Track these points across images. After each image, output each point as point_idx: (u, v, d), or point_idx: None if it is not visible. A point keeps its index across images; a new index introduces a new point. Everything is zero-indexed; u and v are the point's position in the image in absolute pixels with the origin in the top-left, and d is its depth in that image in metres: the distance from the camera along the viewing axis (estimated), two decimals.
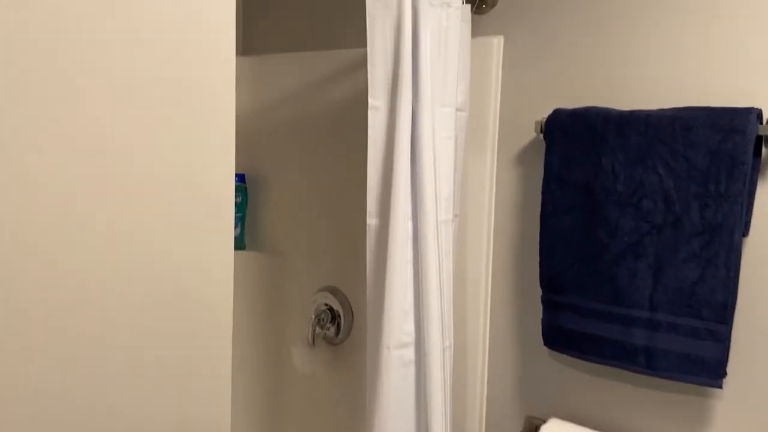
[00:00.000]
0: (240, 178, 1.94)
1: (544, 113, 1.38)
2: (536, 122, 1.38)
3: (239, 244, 1.95)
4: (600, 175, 1.27)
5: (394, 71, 1.27)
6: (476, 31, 1.49)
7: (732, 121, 1.15)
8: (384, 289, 1.29)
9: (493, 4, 1.50)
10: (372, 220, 1.33)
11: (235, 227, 1.93)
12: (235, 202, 1.90)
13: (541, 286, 1.37)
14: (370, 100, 1.29)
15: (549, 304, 1.36)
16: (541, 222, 1.36)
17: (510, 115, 1.49)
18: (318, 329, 1.79)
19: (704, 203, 1.17)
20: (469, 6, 1.43)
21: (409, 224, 1.30)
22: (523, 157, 1.48)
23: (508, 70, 1.49)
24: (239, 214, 1.93)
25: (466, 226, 1.53)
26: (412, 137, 1.29)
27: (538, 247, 1.38)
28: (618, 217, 1.25)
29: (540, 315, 1.40)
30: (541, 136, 1.37)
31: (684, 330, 1.20)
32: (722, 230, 1.16)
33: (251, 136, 1.95)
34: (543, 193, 1.35)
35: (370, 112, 1.30)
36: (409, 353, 1.31)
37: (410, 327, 1.31)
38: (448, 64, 1.31)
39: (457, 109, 1.41)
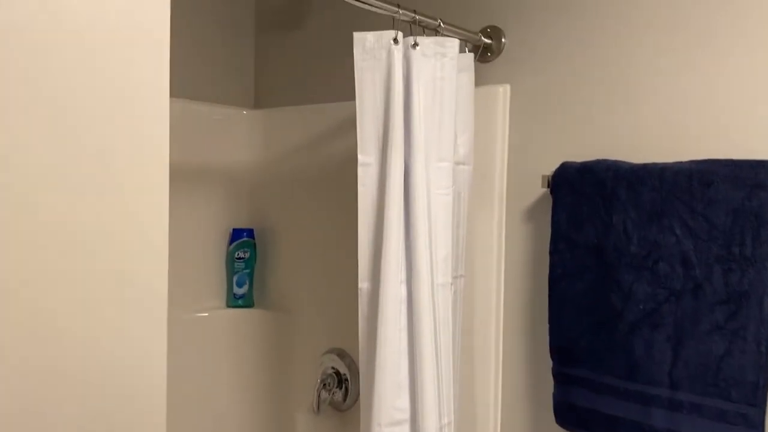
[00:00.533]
0: (249, 233, 1.88)
1: (554, 166, 1.27)
2: (543, 176, 1.27)
3: (247, 301, 1.88)
4: (611, 234, 1.15)
5: (385, 125, 1.20)
6: (481, 80, 1.41)
7: (757, 176, 1.02)
8: (375, 360, 1.19)
9: (499, 52, 1.41)
10: (364, 284, 1.23)
11: (243, 284, 1.87)
12: (243, 258, 1.85)
13: (552, 357, 1.25)
14: (359, 156, 1.22)
15: (560, 377, 1.23)
16: (550, 286, 1.24)
17: (519, 168, 1.39)
18: (324, 394, 1.69)
19: (728, 267, 1.03)
20: (471, 55, 1.35)
21: (403, 288, 1.20)
22: (534, 213, 1.37)
23: (516, 120, 1.39)
24: (247, 270, 1.87)
25: (473, 288, 1.42)
26: (405, 194, 1.20)
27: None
28: (632, 282, 1.12)
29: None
30: (549, 191, 1.26)
31: (710, 412, 1.05)
32: (749, 298, 1.02)
33: (261, 189, 1.90)
34: (551, 254, 1.23)
35: (360, 169, 1.22)
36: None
37: (404, 402, 1.20)
38: (443, 116, 1.23)
39: (458, 163, 1.32)
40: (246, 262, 1.87)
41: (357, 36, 1.20)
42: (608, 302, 1.15)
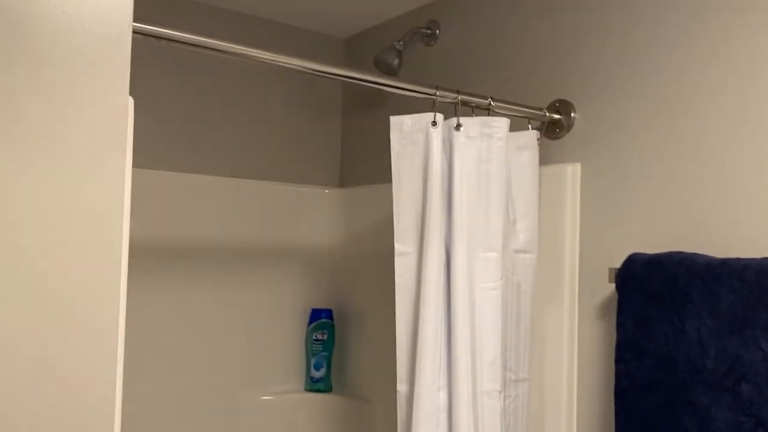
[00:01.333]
0: (327, 314, 1.83)
1: (626, 256, 1.10)
2: (610, 270, 1.10)
3: (325, 385, 1.82)
4: (684, 344, 0.95)
5: (423, 212, 1.10)
6: (550, 158, 1.28)
7: None
8: None
9: (569, 127, 1.28)
10: (401, 387, 1.13)
11: (321, 367, 1.81)
12: (321, 340, 1.80)
13: None
14: (396, 245, 1.13)
15: None
16: (615, 399, 1.05)
17: (592, 257, 1.22)
18: None
19: None
20: (534, 132, 1.23)
21: (442, 395, 1.08)
22: (611, 309, 1.19)
23: (588, 202, 1.23)
24: (325, 353, 1.82)
25: (541, 394, 1.25)
26: (446, 289, 1.09)
27: None
28: (708, 405, 0.91)
29: None
30: (615, 287, 1.08)
31: None
32: None
33: (341, 268, 1.86)
34: (616, 362, 1.05)
35: (396, 259, 1.13)
36: None
37: None
38: (491, 202, 1.11)
39: (519, 251, 1.19)
40: (324, 345, 1.82)
41: (394, 120, 1.13)
42: (681, 427, 0.94)
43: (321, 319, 1.82)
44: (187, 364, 1.65)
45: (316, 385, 1.81)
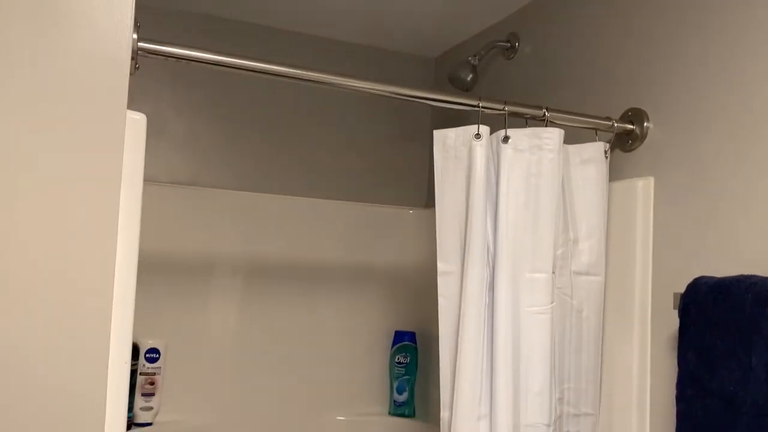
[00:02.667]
0: (410, 336, 1.79)
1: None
2: (675, 295, 0.97)
3: (409, 410, 1.78)
4: (751, 384, 0.81)
5: (466, 230, 1.05)
6: (620, 173, 1.17)
7: None
8: None
9: (642, 138, 1.16)
10: (445, 413, 1.06)
11: (404, 391, 1.77)
12: (404, 363, 1.77)
13: None
14: (439, 264, 1.08)
15: None
16: None
17: (664, 280, 1.09)
18: None
19: None
20: (600, 144, 1.13)
21: (482, 425, 1.01)
22: None
23: (662, 221, 1.11)
24: (407, 377, 1.78)
25: (610, 430, 1.13)
26: (490, 311, 1.03)
27: None
28: None
29: None
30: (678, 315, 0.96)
31: None
32: None
33: (425, 290, 1.81)
34: (677, 400, 0.92)
35: (439, 279, 1.08)
36: None
37: None
38: (540, 218, 1.03)
39: (580, 273, 1.10)
40: (406, 368, 1.78)
41: (437, 134, 1.09)
42: None
43: (404, 341, 1.79)
44: (269, 382, 1.68)
45: (399, 409, 1.77)
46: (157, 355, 1.54)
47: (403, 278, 1.84)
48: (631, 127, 1.16)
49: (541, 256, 1.03)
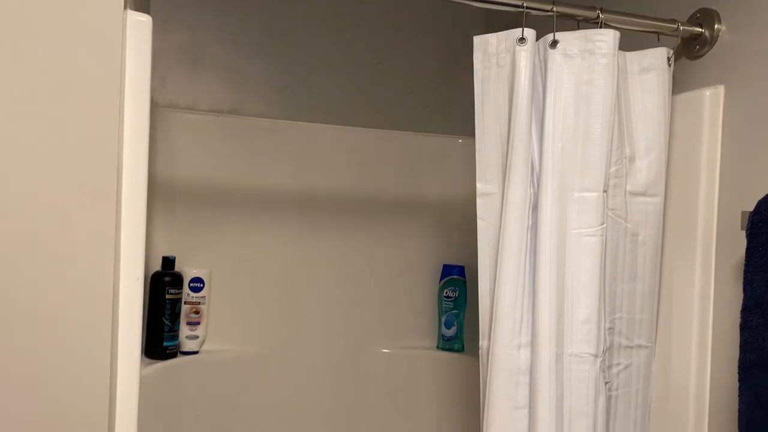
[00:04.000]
0: (459, 270, 1.73)
1: None
2: (743, 214, 0.87)
3: (457, 345, 1.73)
4: None
5: (509, 146, 0.96)
6: (686, 82, 1.05)
7: None
8: None
9: (712, 42, 1.03)
10: (483, 342, 1.00)
11: (452, 326, 1.72)
12: (452, 297, 1.71)
13: None
14: (478, 185, 1.01)
15: None
16: (739, 375, 0.83)
17: (732, 201, 0.98)
18: None
19: None
20: (663, 50, 1.01)
21: (522, 354, 0.94)
22: None
23: (731, 134, 0.99)
24: (456, 311, 1.72)
25: (667, 363, 1.04)
26: (533, 234, 0.95)
27: None
28: None
29: None
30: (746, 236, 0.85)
31: None
32: None
33: (473, 222, 1.73)
34: (741, 329, 0.83)
35: (479, 200, 1.00)
36: None
37: None
38: (591, 130, 0.93)
39: (637, 194, 1.00)
40: (455, 302, 1.72)
41: (477, 40, 0.99)
42: None
43: (452, 275, 1.73)
44: (314, 313, 1.66)
45: (447, 343, 1.73)
46: (201, 285, 1.53)
47: (452, 210, 1.76)
48: (700, 30, 1.03)
49: (591, 173, 0.93)
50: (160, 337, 1.45)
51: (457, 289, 1.72)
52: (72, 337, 0.77)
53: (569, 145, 0.93)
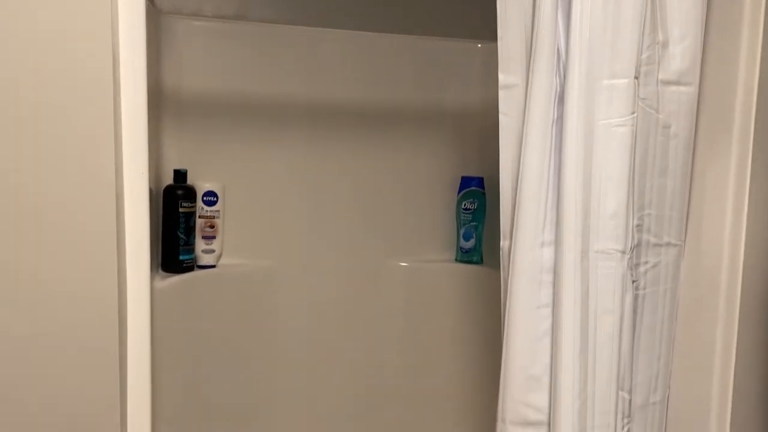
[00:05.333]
0: (478, 182, 1.69)
1: None
2: None
3: (475, 257, 1.70)
4: None
5: (533, 31, 0.89)
6: None
7: None
8: (507, 346, 0.93)
9: None
10: (505, 242, 0.97)
11: (470, 237, 1.69)
12: (471, 209, 1.68)
13: None
14: (500, 76, 0.95)
15: None
16: None
17: None
18: None
19: None
20: None
21: (545, 252, 0.90)
22: None
23: None
24: (474, 223, 1.69)
25: (697, 263, 1.00)
26: (558, 125, 0.89)
27: None
28: None
29: None
30: None
31: None
32: None
33: (494, 133, 1.67)
34: None
35: (501, 93, 0.95)
36: None
37: (541, 400, 0.91)
38: (621, 12, 0.86)
39: (669, 82, 0.94)
40: (474, 215, 1.68)
41: None
42: None
43: (471, 187, 1.68)
44: (332, 226, 1.63)
45: (466, 256, 1.70)
46: (215, 199, 1.50)
47: (471, 120, 1.70)
48: None
49: (621, 58, 0.87)
50: (176, 251, 1.44)
51: (475, 201, 1.68)
52: (77, 231, 0.75)
53: (598, 29, 0.86)
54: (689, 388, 1.02)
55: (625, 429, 0.94)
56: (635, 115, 0.88)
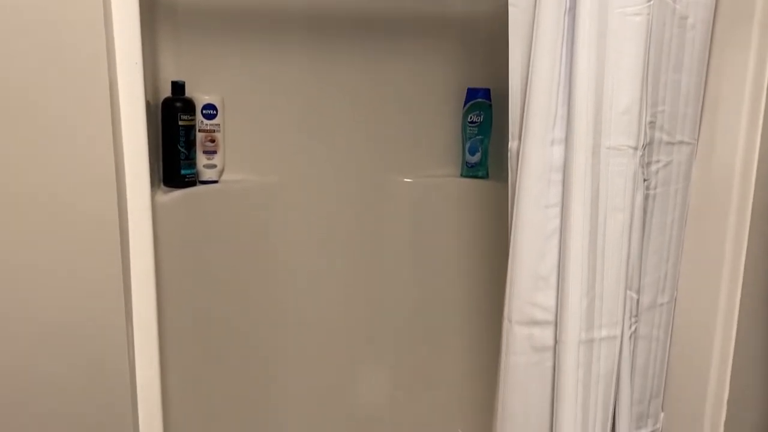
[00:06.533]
0: (484, 93, 1.64)
1: None
2: None
3: (481, 171, 1.68)
4: None
5: None
6: None
7: None
8: (515, 246, 0.92)
9: None
10: (513, 143, 0.94)
11: (476, 151, 1.66)
12: (477, 122, 1.64)
13: None
14: None
15: None
16: None
17: None
18: None
19: None
20: None
21: (556, 151, 0.88)
22: None
23: None
24: (480, 137, 1.65)
25: (709, 162, 0.97)
26: (571, 15, 0.85)
27: None
28: None
29: None
30: None
31: None
32: None
33: (502, 43, 1.62)
34: None
35: None
36: (544, 336, 0.91)
37: (548, 299, 0.90)
38: None
39: None
40: (479, 128, 1.65)
41: None
42: None
43: (477, 99, 1.64)
44: (334, 141, 1.60)
45: (471, 170, 1.68)
46: (215, 112, 1.47)
47: (477, 28, 1.64)
48: None
49: None
50: (177, 166, 1.42)
51: (482, 114, 1.64)
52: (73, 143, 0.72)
53: None
54: (697, 290, 1.01)
55: (632, 329, 0.94)
56: (651, 3, 0.83)
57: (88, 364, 0.82)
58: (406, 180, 1.68)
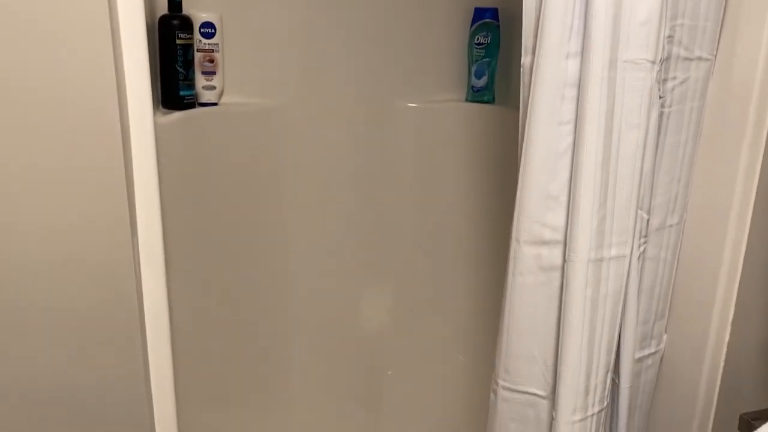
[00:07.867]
0: (491, 13, 1.58)
1: None
2: None
3: (487, 96, 1.64)
4: None
5: None
6: None
7: None
8: (525, 166, 0.89)
9: None
10: (526, 58, 0.91)
11: (482, 75, 1.62)
12: (484, 44, 1.59)
13: None
14: None
15: None
16: None
17: None
18: None
19: None
20: None
21: (571, 64, 0.85)
22: None
23: None
24: (487, 59, 1.61)
25: (728, 82, 0.94)
26: None
27: None
28: None
29: None
30: None
31: None
32: None
33: None
34: None
35: None
36: (552, 256, 0.90)
37: (557, 218, 0.89)
38: None
39: None
40: (486, 50, 1.60)
41: None
42: None
43: (484, 19, 1.58)
44: (337, 64, 1.56)
45: (477, 95, 1.64)
46: (213, 30, 1.42)
47: None
48: None
49: None
50: (176, 86, 1.38)
51: (489, 35, 1.59)
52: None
53: None
54: (707, 212, 1.00)
55: (641, 249, 0.93)
56: None
57: (97, 288, 0.82)
58: (410, 105, 1.65)
